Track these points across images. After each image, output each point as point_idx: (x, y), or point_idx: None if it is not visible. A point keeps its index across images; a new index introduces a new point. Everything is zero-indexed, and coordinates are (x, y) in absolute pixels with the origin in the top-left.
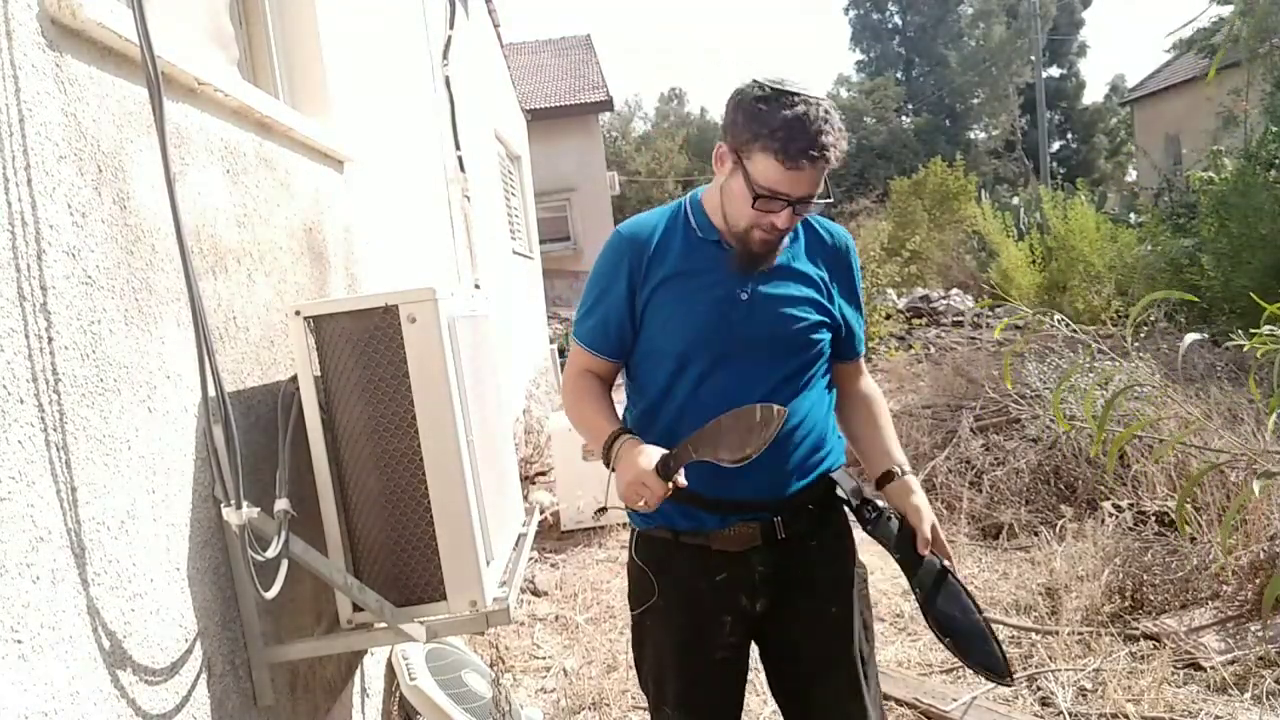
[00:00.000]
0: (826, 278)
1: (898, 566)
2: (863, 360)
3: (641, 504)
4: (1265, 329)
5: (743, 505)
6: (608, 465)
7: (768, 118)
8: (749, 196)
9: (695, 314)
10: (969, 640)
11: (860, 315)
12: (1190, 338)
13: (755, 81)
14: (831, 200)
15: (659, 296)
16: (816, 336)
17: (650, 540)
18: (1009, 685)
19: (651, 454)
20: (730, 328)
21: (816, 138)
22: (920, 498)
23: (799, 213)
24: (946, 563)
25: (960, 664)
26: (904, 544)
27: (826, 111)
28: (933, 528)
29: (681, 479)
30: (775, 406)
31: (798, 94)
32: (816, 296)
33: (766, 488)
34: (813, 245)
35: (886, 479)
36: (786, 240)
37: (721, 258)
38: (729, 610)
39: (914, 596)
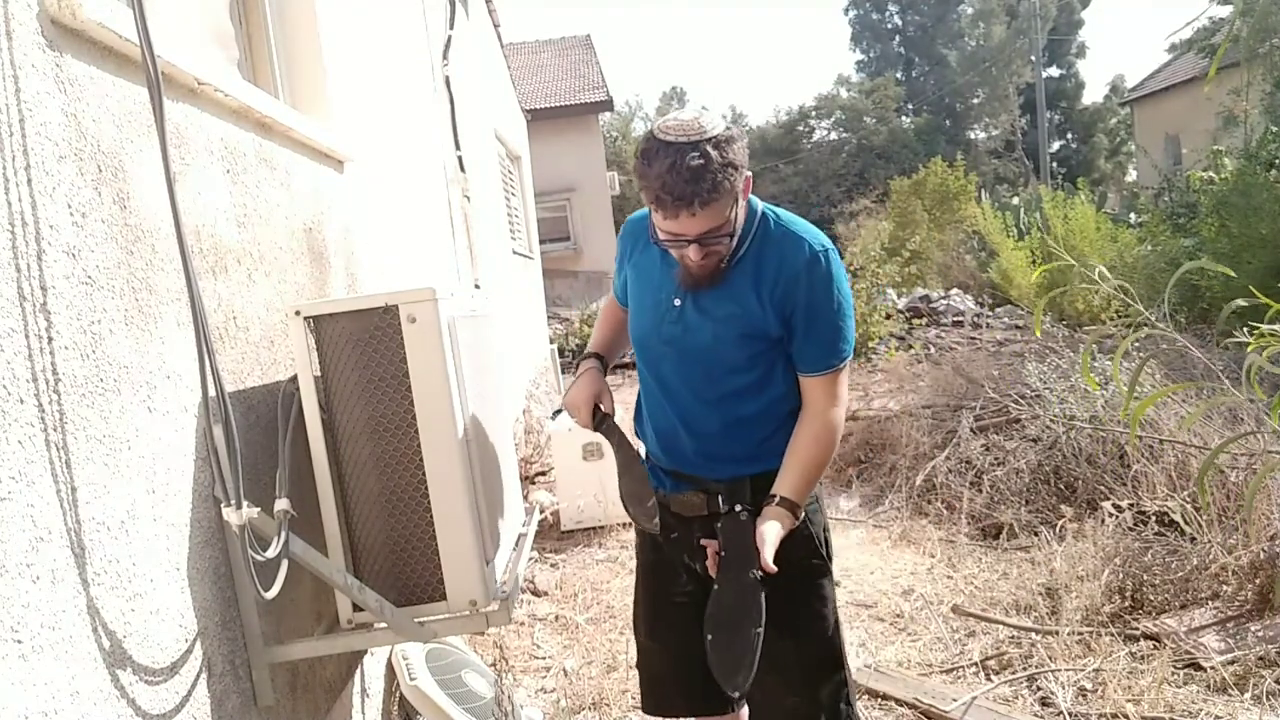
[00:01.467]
0: (766, 295)
1: (895, 566)
2: (829, 379)
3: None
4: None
5: (687, 478)
6: (572, 372)
7: (645, 172)
8: (655, 238)
9: (641, 312)
10: (727, 644)
11: (820, 331)
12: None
13: (649, 130)
14: (730, 236)
15: (630, 283)
16: (742, 350)
17: None
18: (731, 697)
19: (592, 393)
20: (661, 330)
21: (685, 187)
22: (770, 528)
23: (709, 245)
24: (759, 573)
25: (959, 664)
26: (731, 541)
27: (703, 153)
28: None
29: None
30: (656, 519)
31: (672, 142)
32: (744, 314)
33: (702, 468)
34: (764, 263)
35: (767, 502)
36: (738, 255)
37: (668, 263)
38: (681, 565)
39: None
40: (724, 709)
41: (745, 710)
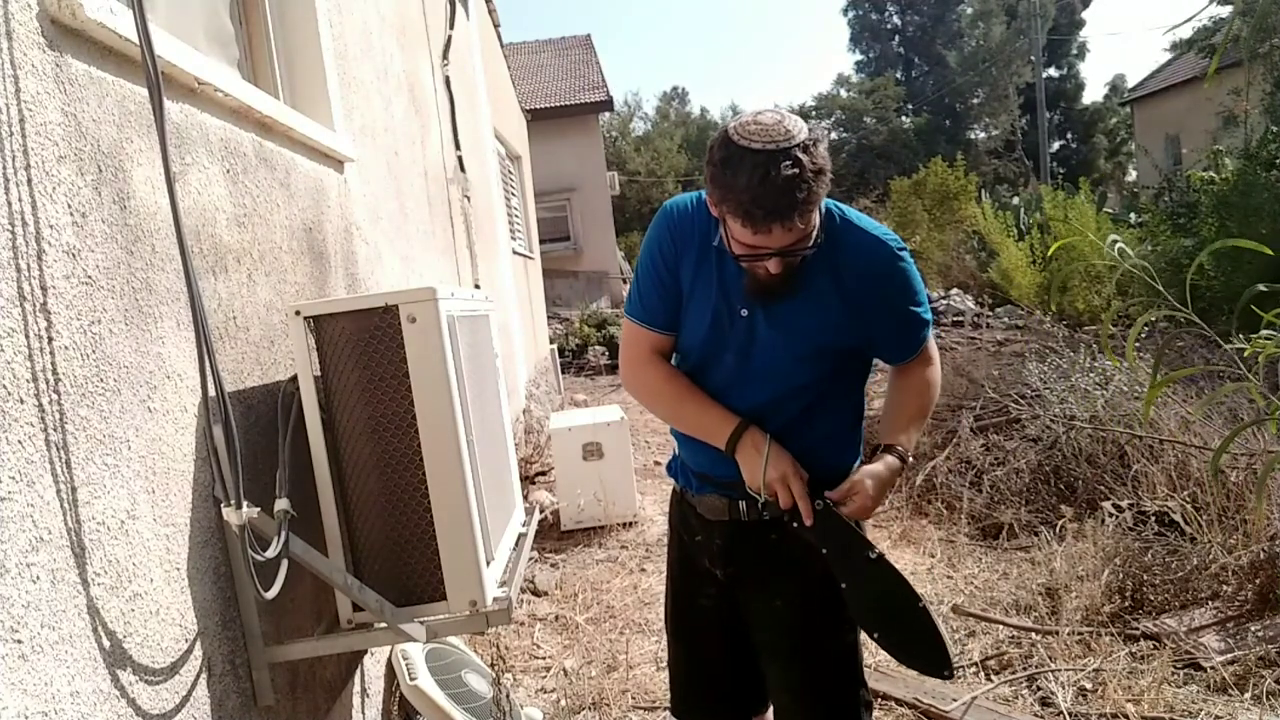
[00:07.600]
0: (849, 298)
1: (895, 565)
2: (922, 354)
3: (776, 498)
4: (1264, 332)
5: (714, 481)
6: (731, 454)
7: (731, 181)
8: (732, 251)
9: (697, 320)
10: (901, 636)
11: (908, 325)
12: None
13: (723, 132)
14: (813, 249)
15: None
16: (816, 363)
17: (675, 490)
18: (949, 679)
19: (793, 463)
20: (721, 340)
21: (779, 199)
22: (873, 469)
23: (791, 256)
24: (878, 550)
25: (959, 664)
26: (828, 535)
27: (794, 161)
28: (858, 495)
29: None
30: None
31: (759, 149)
32: (822, 324)
33: (731, 472)
34: (843, 263)
35: (872, 452)
36: (808, 257)
37: (724, 267)
38: (704, 569)
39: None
40: (744, 718)
41: (770, 713)
